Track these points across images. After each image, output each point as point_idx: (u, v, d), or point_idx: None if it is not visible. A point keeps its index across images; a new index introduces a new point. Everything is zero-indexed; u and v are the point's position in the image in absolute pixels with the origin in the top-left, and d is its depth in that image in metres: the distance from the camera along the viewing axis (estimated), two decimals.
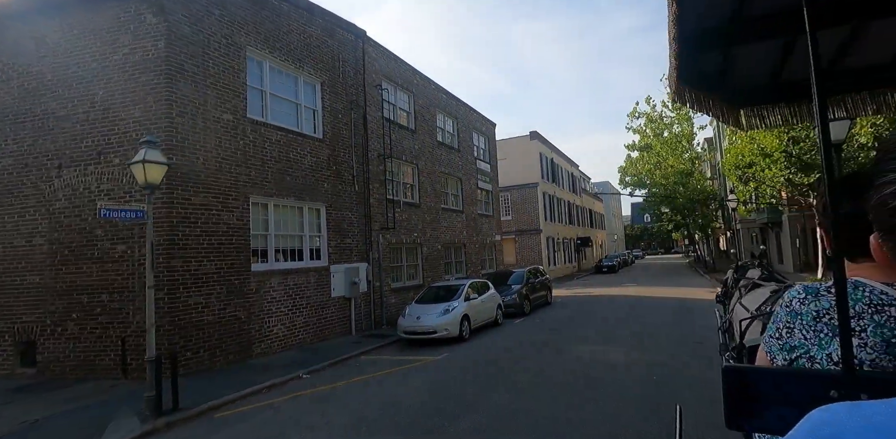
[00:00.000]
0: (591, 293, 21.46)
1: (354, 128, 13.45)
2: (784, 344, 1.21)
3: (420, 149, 16.95)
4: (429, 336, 10.56)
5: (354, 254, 12.92)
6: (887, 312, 1.08)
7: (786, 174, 17.10)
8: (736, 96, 2.47)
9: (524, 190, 32.73)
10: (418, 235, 16.18)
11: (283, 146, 10.95)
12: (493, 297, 13.31)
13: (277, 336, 10.26)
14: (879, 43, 2.10)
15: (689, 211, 35.60)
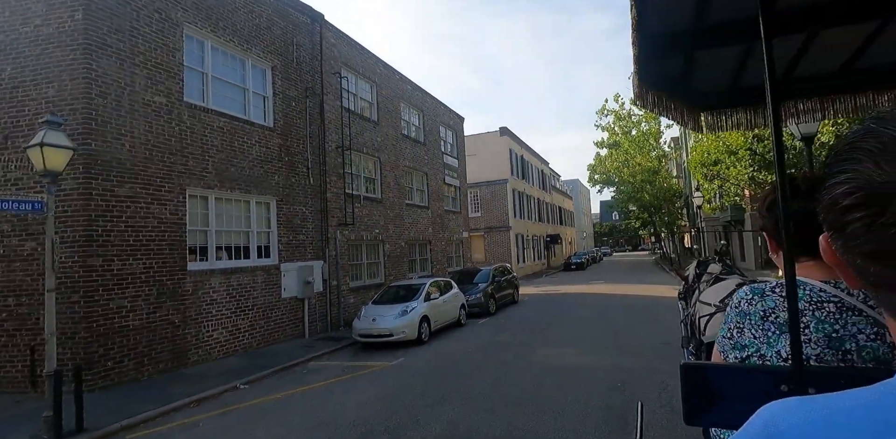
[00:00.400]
0: (559, 291, 21.19)
1: (310, 117, 12.60)
2: (735, 343, 1.27)
3: (383, 141, 16.20)
4: (385, 339, 9.88)
5: (309, 252, 12.10)
6: (826, 308, 1.16)
7: (749, 172, 17.13)
8: (696, 100, 2.52)
9: (493, 186, 32.32)
10: (380, 232, 15.45)
11: (228, 134, 10.05)
12: (457, 297, 12.73)
13: (218, 341, 9.39)
14: (829, 52, 2.20)
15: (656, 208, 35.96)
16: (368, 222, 14.88)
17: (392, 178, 16.55)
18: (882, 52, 2.21)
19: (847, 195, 0.42)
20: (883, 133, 0.41)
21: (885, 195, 0.39)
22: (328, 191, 13.01)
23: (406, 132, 18.14)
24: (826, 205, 0.45)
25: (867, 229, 0.41)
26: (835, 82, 2.46)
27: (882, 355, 1.12)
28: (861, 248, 0.43)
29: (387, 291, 11.94)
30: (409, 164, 17.91)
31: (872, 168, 0.40)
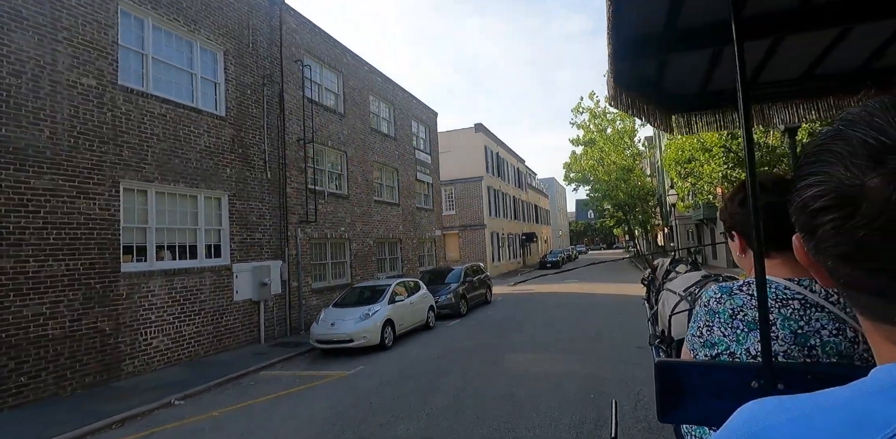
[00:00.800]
0: (533, 290, 20.76)
1: (268, 106, 11.76)
2: (705, 341, 1.28)
3: (350, 134, 15.41)
4: (344, 345, 9.17)
5: (266, 251, 11.28)
6: (791, 305, 1.20)
7: (723, 170, 16.99)
8: (668, 102, 2.60)
9: (468, 184, 31.77)
10: (346, 230, 14.68)
11: (172, 122, 9.16)
12: (425, 298, 12.08)
13: (158, 350, 8.53)
14: (793, 58, 2.31)
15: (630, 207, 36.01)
16: (333, 219, 14.09)
17: (360, 174, 15.78)
18: (842, 58, 2.28)
19: (817, 198, 0.43)
20: (852, 136, 0.41)
21: (854, 198, 0.40)
22: (288, 186, 12.19)
23: (375, 126, 17.38)
24: (797, 207, 0.46)
25: (837, 232, 0.42)
26: (799, 87, 2.54)
27: (844, 350, 1.16)
28: (832, 250, 0.43)
29: (350, 293, 11.21)
30: (379, 159, 17.17)
31: (842, 171, 0.41)
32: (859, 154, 0.40)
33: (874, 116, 0.41)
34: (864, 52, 2.32)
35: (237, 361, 9.02)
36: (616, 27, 1.70)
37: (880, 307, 0.43)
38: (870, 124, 0.41)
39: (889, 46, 2.23)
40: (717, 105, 2.67)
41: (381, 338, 9.48)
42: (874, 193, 0.39)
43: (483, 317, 13.46)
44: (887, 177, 0.38)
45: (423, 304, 11.88)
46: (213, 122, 10.11)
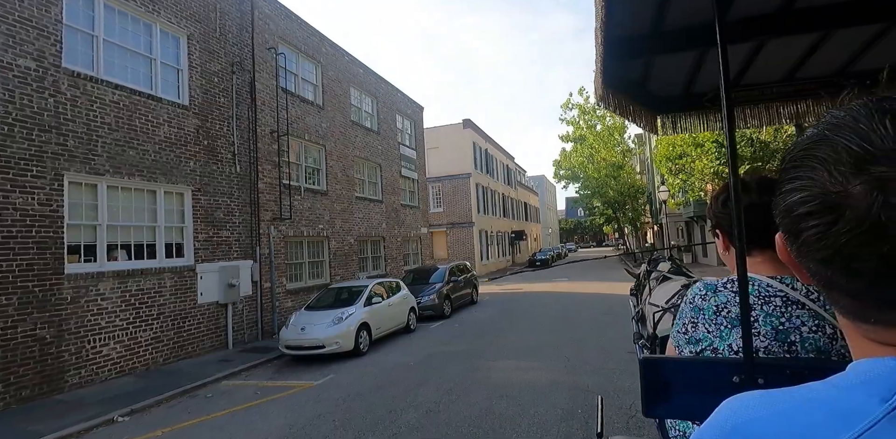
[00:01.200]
0: (522, 289, 20.23)
1: (237, 95, 11.03)
2: (690, 337, 1.33)
3: (329, 128, 14.71)
4: (316, 352, 8.52)
5: (235, 250, 10.57)
6: (773, 303, 1.24)
7: (715, 166, 16.57)
8: (654, 103, 2.68)
9: (456, 180, 31.16)
10: (325, 227, 13.99)
11: (127, 110, 8.42)
12: (406, 299, 11.45)
13: (109, 358, 7.82)
14: (774, 63, 2.42)
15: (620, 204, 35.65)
16: (311, 216, 13.40)
17: (340, 169, 15.09)
18: (822, 62, 2.36)
19: (802, 203, 0.43)
20: (837, 141, 0.41)
21: (838, 205, 0.40)
22: (260, 181, 11.48)
23: (357, 119, 16.69)
24: (782, 210, 0.46)
25: (820, 237, 0.42)
26: (780, 90, 2.60)
27: (822, 346, 1.19)
28: (815, 255, 0.44)
29: (325, 294, 10.55)
30: (360, 154, 16.48)
31: (826, 177, 0.41)
32: (843, 161, 0.40)
33: (859, 122, 0.41)
34: (844, 56, 2.36)
35: (199, 369, 8.33)
36: (605, 29, 1.72)
37: (858, 308, 0.45)
38: (854, 130, 0.41)
39: (867, 51, 2.28)
40: (701, 106, 2.70)
41: (356, 344, 8.84)
42: (857, 201, 0.39)
43: (467, 319, 12.87)
44: (870, 185, 0.39)
45: (404, 306, 11.25)
46: (174, 112, 9.37)
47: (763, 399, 0.45)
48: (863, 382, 0.41)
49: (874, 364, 0.42)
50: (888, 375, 0.40)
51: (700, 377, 1.24)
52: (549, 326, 10.86)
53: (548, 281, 23.65)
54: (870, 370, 0.42)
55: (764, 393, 0.46)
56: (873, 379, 0.41)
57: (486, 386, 6.48)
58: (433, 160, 31.66)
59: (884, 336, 0.44)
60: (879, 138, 0.39)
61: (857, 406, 0.39)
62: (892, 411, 0.38)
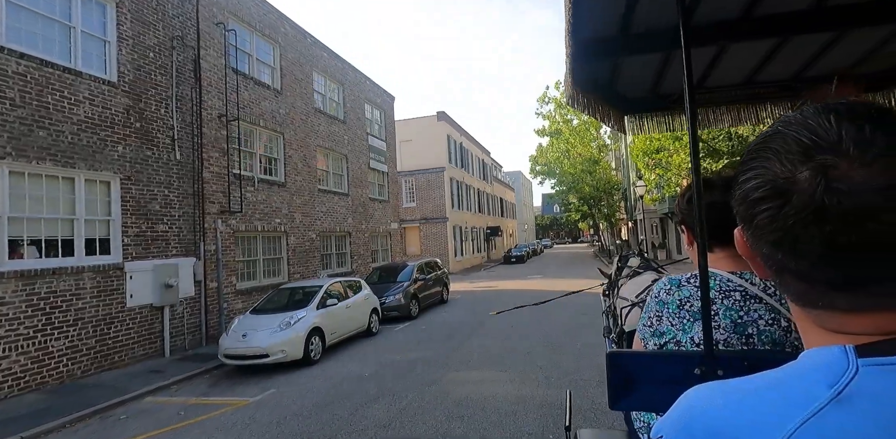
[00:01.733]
0: (496, 287, 19.52)
1: (178, 74, 9.88)
2: (654, 330, 1.38)
3: (288, 114, 13.61)
4: (258, 361, 7.56)
5: (174, 246, 9.47)
6: (733, 297, 1.30)
7: None
8: (622, 103, 2.72)
9: (430, 174, 30.25)
10: (283, 221, 12.94)
11: (35, 84, 7.25)
12: (367, 300, 10.54)
13: (11, 372, 6.70)
14: (735, 66, 2.50)
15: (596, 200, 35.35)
16: (266, 210, 12.34)
17: (300, 159, 14.02)
18: (780, 67, 2.49)
19: (756, 189, 0.46)
20: (787, 134, 0.46)
21: (787, 190, 0.44)
22: (206, 169, 10.37)
23: (321, 106, 15.61)
24: (738, 198, 0.49)
25: (772, 219, 0.45)
26: (741, 92, 2.74)
27: (777, 338, 1.26)
28: (767, 237, 0.47)
29: (275, 296, 9.55)
30: (324, 144, 15.42)
31: (777, 165, 0.45)
32: (793, 150, 0.44)
33: (808, 119, 0.46)
34: (799, 62, 2.46)
35: (123, 383, 7.28)
36: (574, 30, 1.76)
37: (806, 291, 0.48)
38: (804, 125, 0.45)
39: (820, 57, 2.38)
40: (667, 107, 2.77)
41: (306, 351, 7.90)
42: (803, 186, 0.43)
43: (435, 320, 12.04)
44: (815, 171, 0.42)
45: (365, 307, 10.34)
46: (98, 88, 8.21)
47: (721, 388, 0.49)
48: (812, 369, 0.44)
49: (822, 352, 0.45)
50: (834, 362, 0.43)
51: (663, 370, 1.29)
52: (520, 329, 10.12)
53: (522, 278, 23.04)
54: (818, 358, 0.45)
55: (721, 382, 0.50)
56: (821, 367, 0.44)
57: (446, 402, 5.65)
58: (406, 153, 30.69)
59: (830, 322, 0.47)
60: (825, 131, 0.44)
61: (806, 392, 0.42)
62: (837, 396, 0.40)
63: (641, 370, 1.32)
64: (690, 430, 0.47)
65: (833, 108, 0.45)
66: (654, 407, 1.36)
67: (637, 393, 1.31)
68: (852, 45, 2.29)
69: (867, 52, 2.39)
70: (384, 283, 13.25)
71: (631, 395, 1.32)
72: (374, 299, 10.83)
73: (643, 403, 1.35)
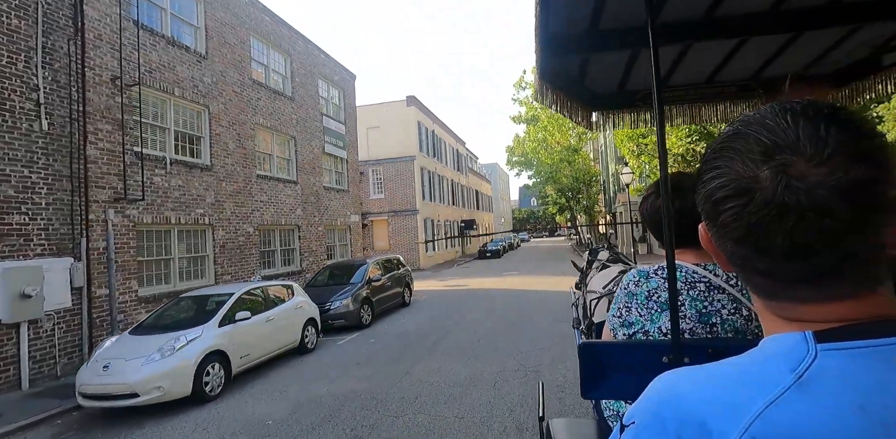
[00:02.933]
0: (467, 286, 17.67)
1: (47, 20, 7.60)
2: (623, 321, 1.44)
3: (216, 84, 11.38)
4: (125, 402, 5.47)
5: (38, 244, 7.26)
6: (697, 288, 1.37)
7: (686, 143, 14.49)
8: (589, 99, 2.77)
9: (398, 164, 28.16)
10: (207, 212, 10.76)
11: None
12: (300, 310, 8.50)
13: None
14: (698, 66, 2.56)
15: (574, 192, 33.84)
16: (184, 198, 10.14)
17: (233, 139, 11.82)
18: (739, 67, 2.56)
19: (720, 188, 0.48)
20: (748, 134, 0.47)
21: (749, 188, 0.45)
22: (91, 145, 8.13)
23: (262, 79, 13.38)
24: (703, 197, 0.50)
25: (736, 217, 0.47)
26: (702, 92, 2.81)
27: (739, 326, 1.34)
28: (731, 235, 0.48)
29: (171, 308, 7.42)
30: (266, 123, 13.21)
31: (740, 165, 0.46)
32: (753, 150, 0.46)
33: (766, 119, 0.47)
34: (757, 62, 2.56)
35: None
36: (542, 25, 1.80)
37: (769, 285, 0.50)
38: (763, 125, 0.47)
39: (776, 58, 2.48)
40: (633, 104, 2.85)
41: (198, 385, 5.84)
42: (765, 184, 0.44)
43: (390, 330, 10.11)
44: (775, 170, 0.44)
45: (297, 318, 8.31)
46: None
47: (689, 374, 0.51)
48: (774, 355, 0.46)
49: (784, 338, 0.47)
50: (795, 348, 0.46)
51: (633, 359, 1.33)
52: (491, 342, 8.27)
53: (497, 274, 21.27)
54: (780, 344, 0.47)
55: (689, 369, 0.51)
56: (783, 352, 0.46)
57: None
58: (374, 141, 28.53)
59: (791, 312, 0.49)
60: (783, 131, 0.45)
61: (769, 376, 0.44)
62: (798, 379, 0.43)
63: (612, 359, 1.35)
64: (661, 415, 0.48)
65: (790, 108, 0.47)
66: (625, 395, 1.40)
67: (608, 382, 1.35)
68: (806, 48, 2.38)
69: (819, 54, 2.47)
70: (335, 285, 11.27)
71: (602, 384, 1.37)
72: (310, 307, 8.79)
73: (614, 392, 1.40)
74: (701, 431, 0.44)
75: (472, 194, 45.13)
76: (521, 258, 33.33)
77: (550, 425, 2.06)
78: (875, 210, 0.43)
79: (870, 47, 2.39)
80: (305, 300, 8.78)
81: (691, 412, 0.46)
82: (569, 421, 2.17)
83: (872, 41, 2.31)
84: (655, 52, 1.35)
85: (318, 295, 10.36)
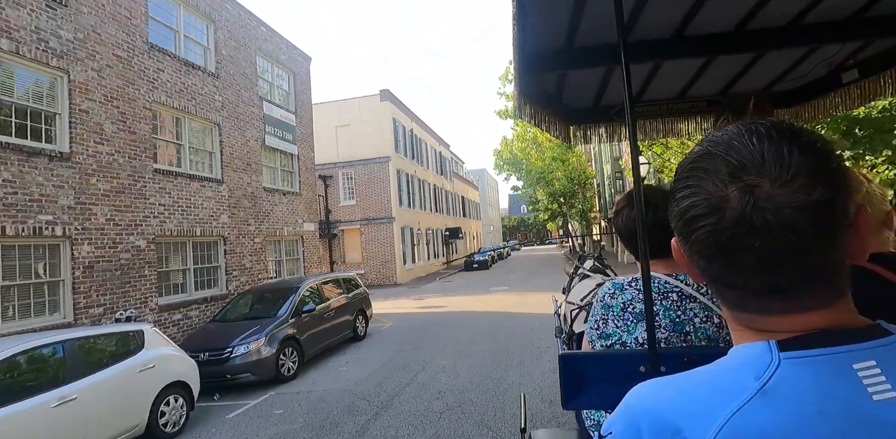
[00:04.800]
0: (444, 307, 14.53)
1: None
2: (601, 333, 1.45)
3: (81, 41, 8.24)
4: None
5: None
6: (670, 298, 1.40)
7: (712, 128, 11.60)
8: (567, 114, 2.91)
9: (372, 166, 25.09)
10: (61, 218, 7.56)
11: None
12: (145, 375, 5.28)
13: None
14: (671, 81, 2.70)
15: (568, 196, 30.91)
16: (16, 199, 6.95)
17: (112, 119, 8.65)
18: (706, 84, 2.71)
19: (692, 207, 0.49)
20: (715, 154, 0.49)
21: (720, 207, 0.47)
22: None
23: (166, 45, 10.27)
24: (676, 215, 0.52)
25: (707, 235, 0.48)
26: (673, 107, 2.95)
27: (711, 334, 1.36)
28: (703, 251, 0.50)
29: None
30: (171, 102, 10.07)
31: (710, 185, 0.48)
32: (722, 170, 0.47)
33: (733, 140, 0.49)
34: (725, 80, 2.71)
35: None
36: (520, 44, 1.84)
37: (739, 298, 0.51)
38: (730, 146, 0.48)
39: (742, 76, 2.63)
40: (609, 119, 2.97)
41: None
42: (734, 203, 0.46)
43: (319, 387, 6.93)
44: (742, 190, 0.46)
45: (141, 387, 5.10)
46: None
47: (662, 384, 0.53)
48: (741, 364, 0.49)
49: (749, 347, 0.50)
50: (759, 357, 0.48)
51: (611, 369, 1.35)
52: (461, 415, 5.13)
53: (482, 291, 18.14)
54: (746, 353, 0.49)
55: (663, 379, 0.53)
56: (749, 361, 0.48)
57: None
58: (344, 141, 25.49)
59: (759, 323, 0.51)
60: (749, 152, 0.47)
61: (736, 384, 0.47)
62: (763, 387, 0.45)
63: (591, 370, 1.38)
64: (636, 425, 0.50)
65: (755, 130, 0.48)
66: (604, 405, 1.42)
67: (588, 392, 1.38)
68: (769, 66, 2.53)
69: (782, 72, 2.64)
70: (250, 320, 8.10)
71: (582, 395, 1.39)
72: (168, 367, 5.52)
73: (593, 402, 1.43)
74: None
75: (457, 201, 42.14)
76: (512, 268, 30.25)
77: (533, 436, 2.09)
78: (835, 226, 0.46)
79: (828, 66, 2.55)
80: (168, 353, 5.57)
81: (665, 421, 0.48)
82: (551, 432, 2.16)
83: (831, 60, 2.47)
84: (627, 70, 1.41)
85: (217, 336, 7.22)
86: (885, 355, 0.46)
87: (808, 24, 2.04)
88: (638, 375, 1.22)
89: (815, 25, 2.05)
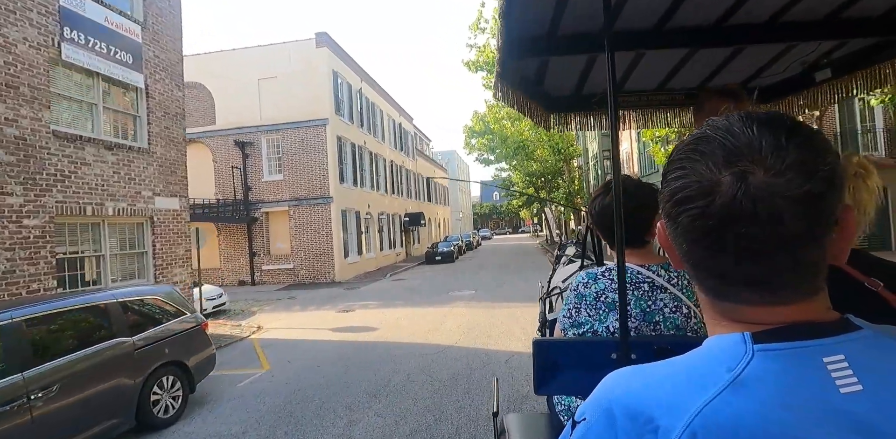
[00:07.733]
0: (375, 330, 9.36)
1: None
2: (574, 321, 1.49)
3: None
4: None
5: None
6: (642, 288, 1.45)
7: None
8: (547, 101, 2.91)
9: (304, 130, 19.52)
10: None
11: None
12: None
13: None
14: (652, 72, 2.70)
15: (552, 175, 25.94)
16: None
17: None
18: (686, 77, 2.72)
19: (682, 189, 0.49)
20: (713, 138, 0.49)
21: (711, 191, 0.47)
22: None
23: None
24: (665, 196, 0.51)
25: (695, 219, 0.48)
26: (653, 98, 2.96)
27: (679, 324, 1.42)
28: (689, 234, 0.50)
29: None
30: None
31: (703, 168, 0.48)
32: (717, 154, 0.47)
33: (733, 125, 0.49)
34: (704, 73, 2.70)
35: None
36: (505, 28, 1.86)
37: (720, 286, 0.51)
38: (729, 131, 0.48)
39: (721, 69, 2.64)
40: (590, 108, 2.99)
41: None
42: (725, 188, 0.46)
43: None
44: (735, 176, 0.46)
45: None
46: None
47: (638, 372, 0.53)
48: (715, 355, 0.49)
49: (724, 339, 0.50)
50: (733, 348, 0.48)
51: (584, 356, 1.39)
52: None
53: (438, 299, 13.01)
54: (720, 344, 0.50)
55: (638, 367, 0.54)
56: (722, 352, 0.49)
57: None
58: (268, 98, 19.76)
59: (736, 314, 0.51)
60: (747, 139, 0.47)
61: (710, 375, 0.47)
62: (735, 379, 0.46)
63: (564, 356, 1.42)
64: (610, 411, 0.50)
65: (756, 118, 0.49)
66: (576, 391, 1.49)
67: (560, 378, 1.42)
68: (747, 61, 2.56)
69: (759, 67, 2.65)
70: None
71: (555, 380, 1.43)
72: None
73: (565, 387, 1.49)
74: (648, 427, 0.47)
75: (421, 182, 36.86)
76: (481, 262, 25.38)
77: (504, 420, 2.11)
78: (823, 222, 0.46)
79: (803, 64, 2.58)
80: None
81: (639, 409, 0.49)
82: (522, 415, 2.19)
83: (806, 59, 2.51)
84: (612, 59, 1.44)
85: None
86: (853, 349, 0.46)
87: (784, 22, 2.10)
88: (609, 362, 1.28)
89: (791, 24, 2.11)
